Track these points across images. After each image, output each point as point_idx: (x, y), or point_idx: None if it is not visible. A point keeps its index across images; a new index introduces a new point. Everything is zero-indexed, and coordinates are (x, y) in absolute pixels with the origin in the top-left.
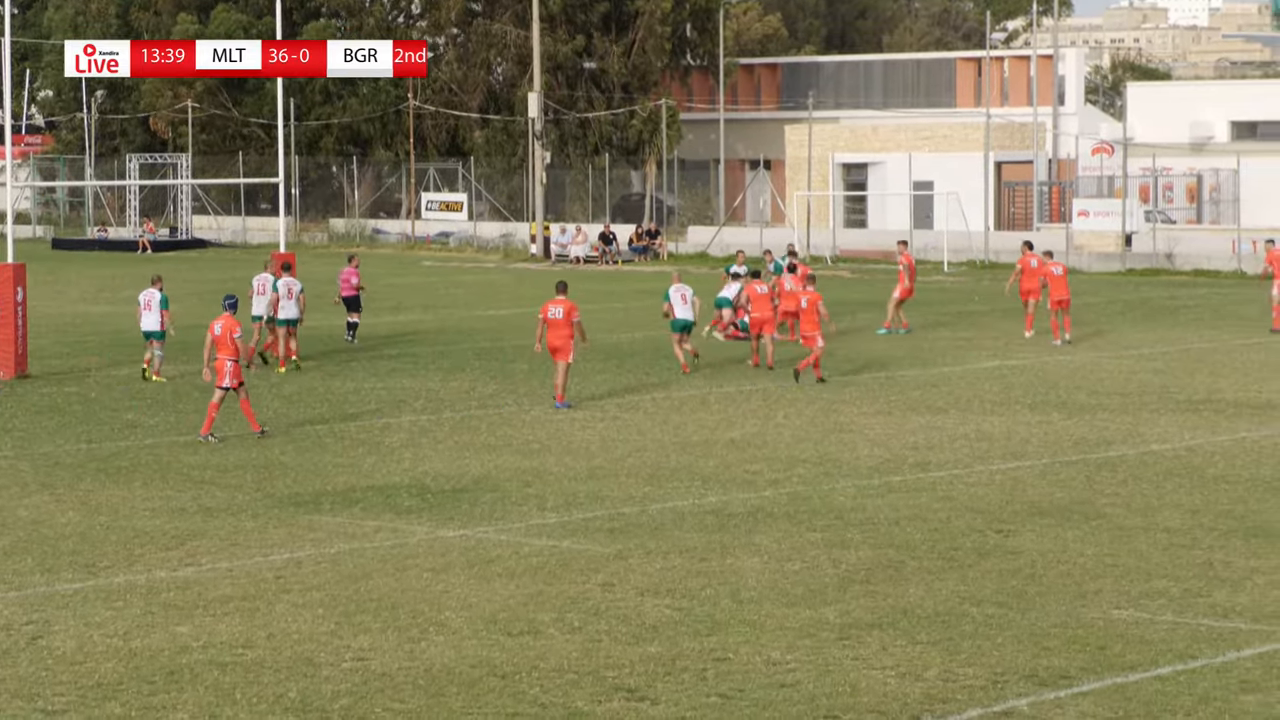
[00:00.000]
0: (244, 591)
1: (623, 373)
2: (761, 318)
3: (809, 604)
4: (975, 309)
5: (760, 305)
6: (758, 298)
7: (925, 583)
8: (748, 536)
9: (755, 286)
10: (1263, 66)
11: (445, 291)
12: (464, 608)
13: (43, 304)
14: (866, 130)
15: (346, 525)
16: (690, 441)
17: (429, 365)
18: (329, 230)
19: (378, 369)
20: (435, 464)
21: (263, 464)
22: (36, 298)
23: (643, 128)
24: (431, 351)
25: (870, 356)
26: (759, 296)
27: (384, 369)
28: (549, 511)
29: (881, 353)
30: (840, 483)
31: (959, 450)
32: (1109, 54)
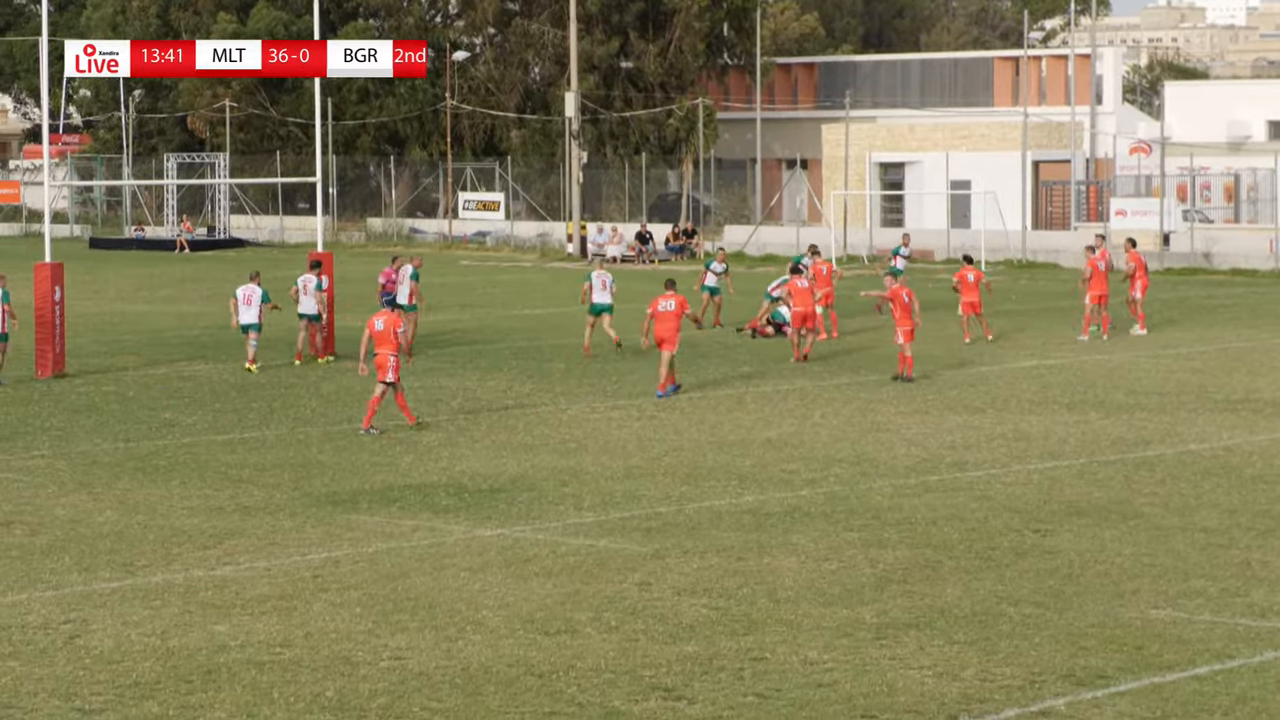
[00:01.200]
0: (281, 590)
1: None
2: (804, 311)
3: (846, 604)
4: (1012, 308)
5: (802, 299)
6: (799, 292)
7: (962, 582)
8: (784, 536)
9: (797, 281)
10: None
11: (482, 291)
12: (501, 607)
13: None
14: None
15: (384, 524)
16: (727, 441)
17: (466, 364)
18: (366, 229)
19: (415, 368)
20: (472, 463)
21: (300, 463)
22: (74, 297)
23: (679, 127)
24: (468, 351)
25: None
26: (800, 291)
27: (420, 368)
28: (586, 511)
29: (918, 352)
30: (877, 482)
31: (996, 450)
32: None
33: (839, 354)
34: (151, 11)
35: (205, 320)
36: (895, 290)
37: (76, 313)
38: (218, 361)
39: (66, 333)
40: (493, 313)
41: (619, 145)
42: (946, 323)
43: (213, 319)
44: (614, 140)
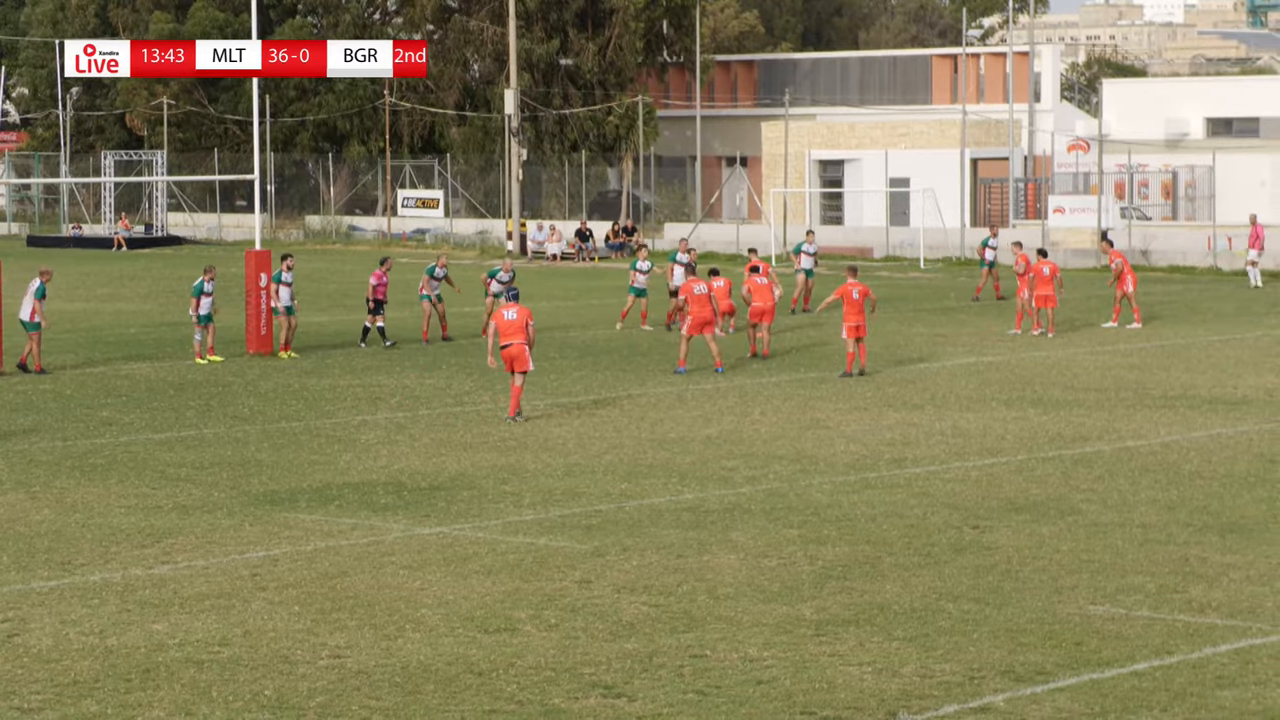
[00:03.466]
0: (220, 589)
1: (599, 370)
2: (762, 307)
3: (785, 600)
4: (951, 305)
5: (761, 295)
6: (758, 288)
7: (901, 579)
8: (724, 533)
9: (756, 279)
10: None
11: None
12: (440, 605)
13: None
14: (843, 127)
15: (323, 523)
16: (667, 439)
17: (404, 362)
18: (305, 227)
19: (354, 366)
20: (412, 461)
21: (239, 461)
22: (11, 295)
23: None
24: (407, 348)
25: (845, 353)
26: (759, 287)
27: (360, 366)
28: (526, 509)
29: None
30: (817, 479)
31: (935, 447)
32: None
33: (778, 352)
34: (90, 10)
35: (143, 318)
36: (844, 288)
37: (13, 311)
38: (156, 360)
39: (4, 331)
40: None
41: (558, 143)
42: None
43: (150, 317)
44: (553, 138)
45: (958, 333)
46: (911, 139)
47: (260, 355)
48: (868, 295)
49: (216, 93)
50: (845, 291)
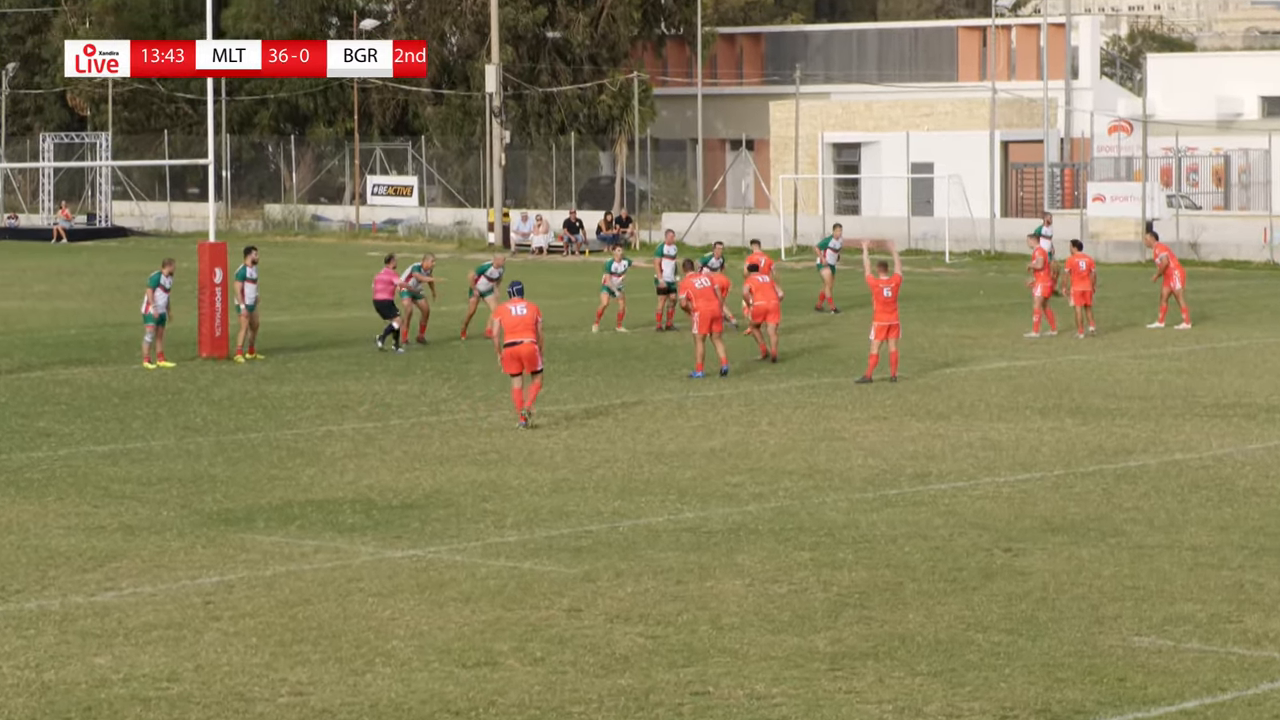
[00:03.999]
0: (169, 619)
1: (590, 375)
2: (765, 306)
3: (797, 631)
4: (981, 304)
5: (763, 294)
6: (760, 287)
7: (926, 607)
8: (729, 556)
9: (758, 277)
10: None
11: None
12: (414, 636)
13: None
14: (860, 107)
15: (283, 545)
16: (665, 451)
17: (374, 366)
18: (264, 217)
19: (318, 371)
20: (382, 476)
21: (190, 477)
22: None
23: (612, 104)
24: (378, 352)
25: (862, 356)
26: (761, 286)
27: (325, 371)
28: (509, 529)
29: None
30: (831, 496)
31: (963, 460)
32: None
33: (788, 355)
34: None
35: (85, 318)
36: (873, 280)
37: None
38: (99, 364)
39: None
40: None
41: (545, 124)
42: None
43: (93, 316)
44: (540, 119)
45: (987, 334)
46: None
47: (214, 359)
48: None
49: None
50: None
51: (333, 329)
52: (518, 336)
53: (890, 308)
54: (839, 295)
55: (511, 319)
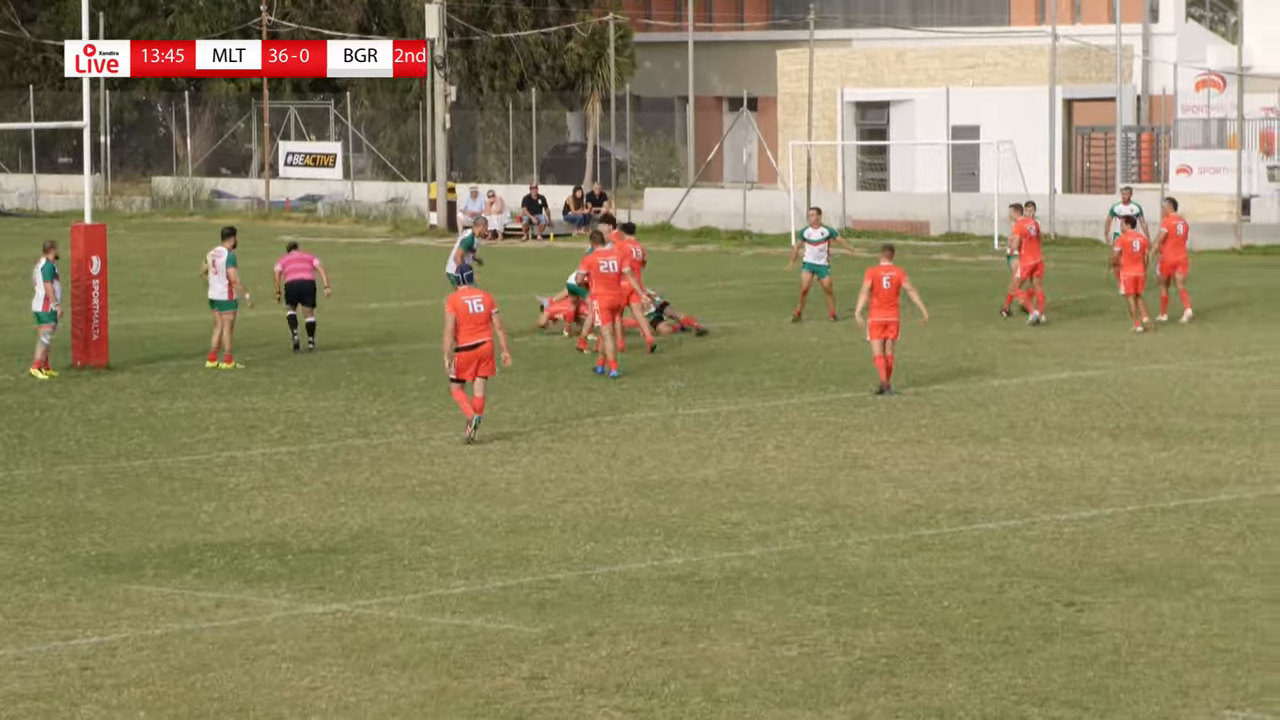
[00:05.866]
0: (38, 687)
1: (556, 388)
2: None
3: (810, 704)
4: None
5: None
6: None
7: (969, 675)
8: (727, 611)
9: (631, 247)
10: None
11: None
12: (339, 711)
13: None
14: (888, 56)
15: (176, 598)
16: (648, 482)
17: (289, 378)
18: (153, 192)
19: (218, 384)
20: (299, 513)
21: (63, 513)
22: None
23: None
24: (293, 360)
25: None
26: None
27: (227, 384)
28: (455, 578)
29: (907, 360)
30: (853, 538)
31: (1015, 494)
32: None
33: (800, 364)
34: None
35: None
36: (874, 272)
37: None
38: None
39: None
40: (326, 306)
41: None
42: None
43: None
44: (493, 71)
45: (1045, 338)
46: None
47: (91, 369)
48: (902, 284)
49: (33, 10)
50: (874, 277)
51: (237, 331)
52: (477, 337)
53: (890, 302)
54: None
55: (469, 316)
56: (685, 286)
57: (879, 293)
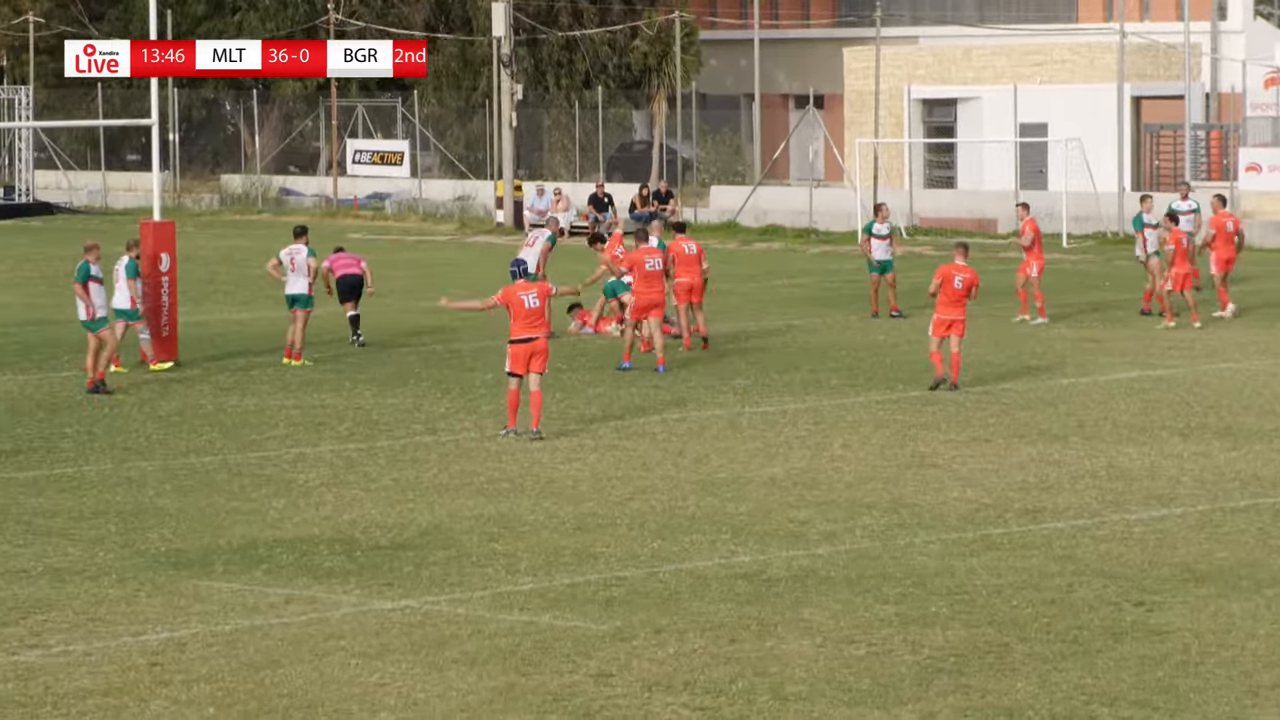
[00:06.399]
0: (107, 683)
1: (623, 385)
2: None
3: (878, 703)
4: (1107, 298)
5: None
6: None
7: (1038, 675)
8: (794, 610)
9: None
10: None
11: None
12: (407, 706)
13: None
14: (955, 54)
15: (246, 594)
16: (715, 480)
17: (357, 376)
18: (221, 190)
19: (287, 381)
20: (367, 510)
21: (132, 510)
22: None
23: (649, 52)
24: (362, 357)
25: (962, 365)
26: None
27: (296, 381)
28: (523, 575)
29: (976, 358)
30: (920, 537)
31: (1084, 493)
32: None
33: (866, 363)
34: None
35: (2, 314)
36: (946, 269)
37: None
38: (19, 370)
39: None
40: (394, 305)
41: (566, 76)
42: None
43: (11, 312)
44: (560, 70)
45: (1115, 336)
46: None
47: (161, 365)
48: (974, 286)
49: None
50: (945, 275)
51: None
52: (530, 332)
53: (959, 301)
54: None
55: (524, 310)
56: (750, 285)
57: (948, 291)
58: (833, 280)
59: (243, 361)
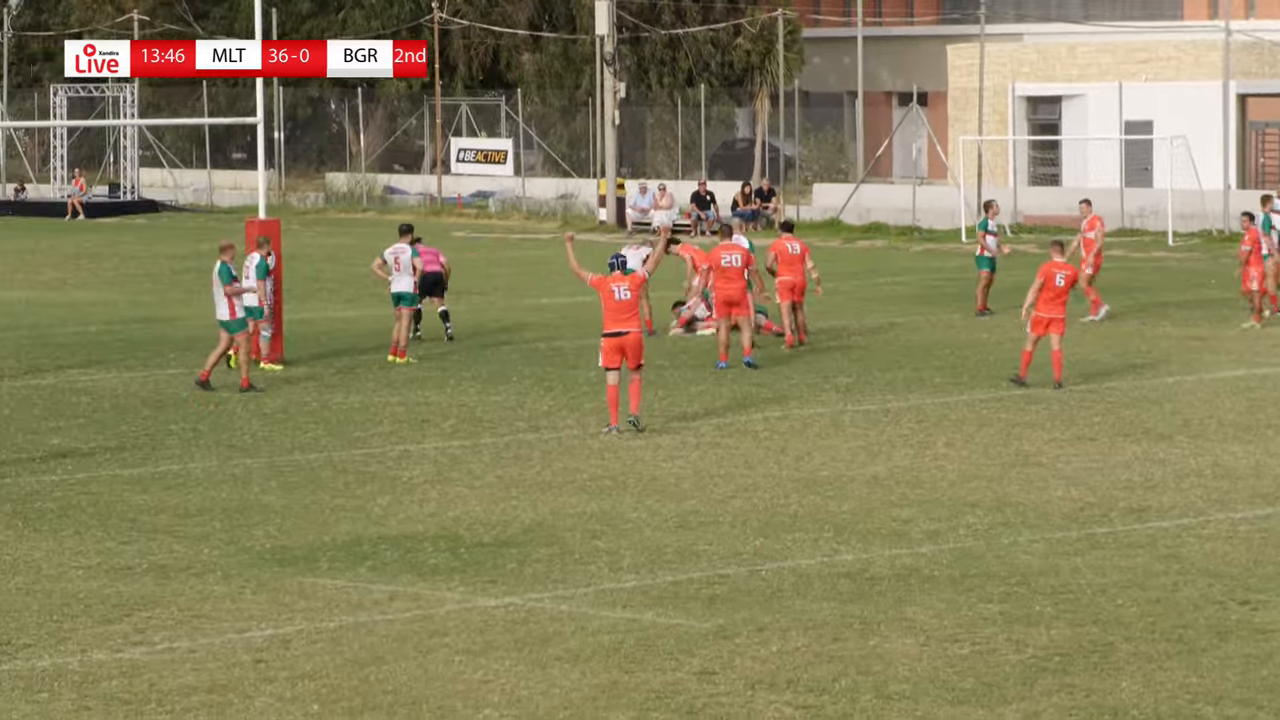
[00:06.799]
0: (212, 680)
1: (725, 383)
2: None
3: (982, 702)
4: (1213, 296)
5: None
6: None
7: (1143, 674)
8: (897, 608)
9: (787, 244)
10: None
11: (484, 272)
12: (511, 704)
13: None
14: (1060, 52)
15: (350, 590)
16: (817, 478)
17: (461, 373)
18: (325, 188)
19: (392, 378)
20: (471, 507)
21: (237, 507)
22: None
23: (751, 49)
24: (466, 355)
25: (1065, 361)
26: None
27: (401, 378)
28: (625, 573)
29: (1081, 356)
30: (1025, 536)
31: (1189, 492)
32: None
33: (970, 361)
34: None
35: (107, 311)
36: (1047, 268)
37: None
38: (125, 368)
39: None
40: (497, 302)
41: (669, 75)
42: (1113, 316)
43: (118, 310)
44: (662, 68)
45: (1220, 335)
46: (1155, 68)
47: (272, 366)
48: (1075, 282)
49: (205, 7)
50: (1047, 274)
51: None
52: (622, 325)
53: (1060, 299)
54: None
55: (615, 303)
56: (853, 283)
57: (1050, 288)
58: (936, 278)
59: (348, 359)
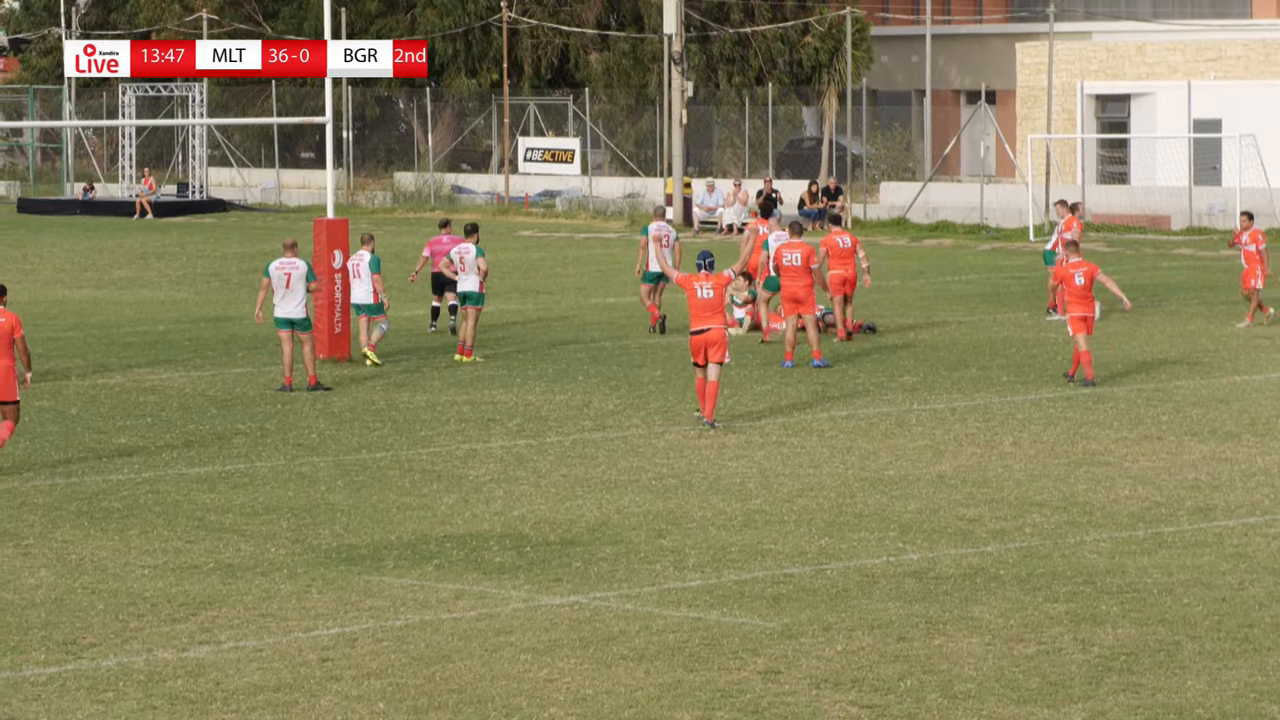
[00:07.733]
0: (278, 679)
1: (790, 381)
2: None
3: (1048, 701)
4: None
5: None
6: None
7: (1209, 673)
8: (963, 608)
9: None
10: None
11: (551, 271)
12: (576, 702)
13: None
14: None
15: (416, 589)
16: (883, 477)
17: (527, 372)
18: (393, 188)
19: (459, 377)
20: (537, 506)
21: (304, 505)
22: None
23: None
24: (531, 353)
25: (1132, 360)
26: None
27: (467, 377)
28: (690, 571)
29: (1148, 355)
30: (1091, 535)
31: (1256, 491)
32: None
33: (1037, 360)
34: None
35: (175, 310)
36: (1063, 271)
37: None
38: (192, 367)
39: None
40: (564, 301)
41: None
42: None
43: (185, 309)
44: (730, 66)
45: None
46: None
47: (334, 361)
48: (1095, 277)
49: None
50: (1065, 276)
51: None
52: (705, 323)
53: (1086, 297)
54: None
55: (697, 300)
56: (919, 281)
57: (1071, 289)
58: (1003, 277)
59: (414, 358)
